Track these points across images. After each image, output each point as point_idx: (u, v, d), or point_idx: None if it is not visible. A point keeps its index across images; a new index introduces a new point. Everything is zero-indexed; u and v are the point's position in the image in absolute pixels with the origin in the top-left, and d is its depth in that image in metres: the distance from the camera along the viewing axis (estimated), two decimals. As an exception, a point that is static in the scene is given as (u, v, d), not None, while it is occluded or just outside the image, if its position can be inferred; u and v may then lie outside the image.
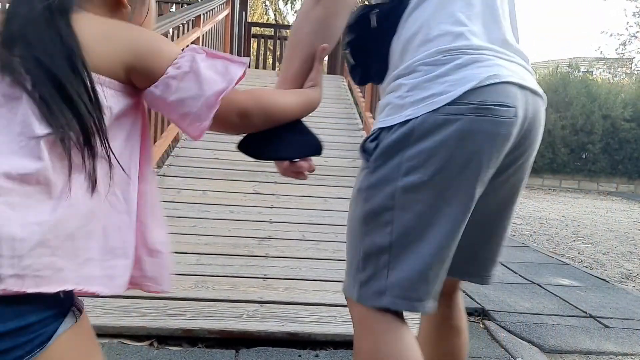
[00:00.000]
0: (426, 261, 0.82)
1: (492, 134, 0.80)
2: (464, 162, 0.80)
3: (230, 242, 2.52)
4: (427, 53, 0.83)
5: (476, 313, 2.34)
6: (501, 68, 0.82)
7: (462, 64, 0.81)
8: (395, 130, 0.83)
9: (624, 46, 19.75)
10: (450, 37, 0.83)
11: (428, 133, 0.80)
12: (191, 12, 3.93)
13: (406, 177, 0.81)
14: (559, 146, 11.50)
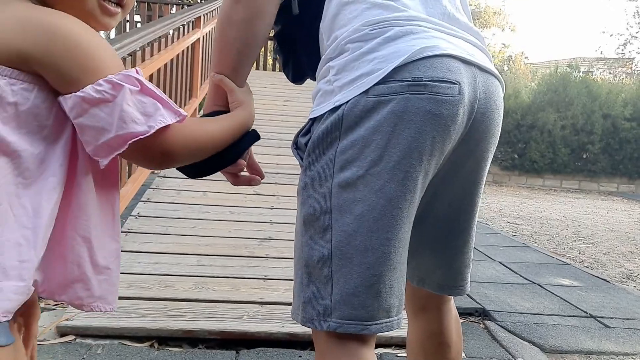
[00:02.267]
0: (374, 271, 0.70)
1: (433, 115, 0.68)
2: (403, 150, 0.68)
3: (230, 243, 2.52)
4: (353, 28, 0.72)
5: (476, 313, 2.34)
6: (440, 40, 0.71)
7: (393, 37, 0.70)
8: (325, 119, 0.72)
9: (624, 46, 19.75)
10: (378, 8, 0.72)
11: (359, 119, 0.69)
12: (191, 14, 3.93)
13: (341, 173, 0.71)
14: (560, 146, 11.49)
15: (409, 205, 0.71)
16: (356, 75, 0.70)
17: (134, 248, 2.38)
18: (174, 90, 3.56)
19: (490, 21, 26.25)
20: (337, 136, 0.71)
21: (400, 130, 0.68)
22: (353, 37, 0.72)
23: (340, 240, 0.71)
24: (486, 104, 0.76)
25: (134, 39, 2.53)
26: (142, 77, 0.62)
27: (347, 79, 0.71)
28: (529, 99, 12.43)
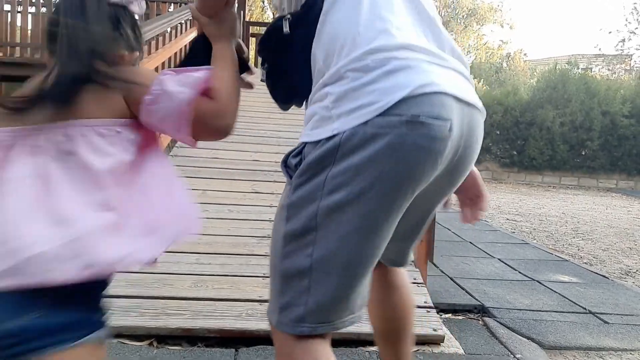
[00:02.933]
0: (349, 284, 0.77)
1: (426, 150, 0.73)
2: (395, 180, 0.74)
3: (229, 241, 2.52)
4: (354, 57, 0.75)
5: (475, 310, 2.35)
6: (435, 75, 0.75)
7: (393, 70, 0.73)
8: (322, 145, 0.75)
9: (623, 43, 19.73)
10: (374, 33, 0.76)
11: (356, 148, 0.73)
12: (189, 12, 3.93)
13: (330, 196, 0.75)
14: (558, 143, 11.50)
15: (391, 226, 0.78)
16: (356, 106, 0.73)
17: (132, 247, 2.38)
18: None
19: (488, 18, 26.23)
20: (330, 162, 0.75)
21: (395, 163, 0.73)
22: (353, 65, 0.75)
23: (322, 256, 0.76)
24: (469, 139, 0.82)
25: (132, 37, 2.53)
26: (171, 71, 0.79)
27: (346, 108, 0.74)
28: (527, 95, 12.43)
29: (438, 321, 1.97)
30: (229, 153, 3.61)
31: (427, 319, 1.96)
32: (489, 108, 9.29)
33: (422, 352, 1.80)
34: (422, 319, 1.96)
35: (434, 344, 1.86)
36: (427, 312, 2.01)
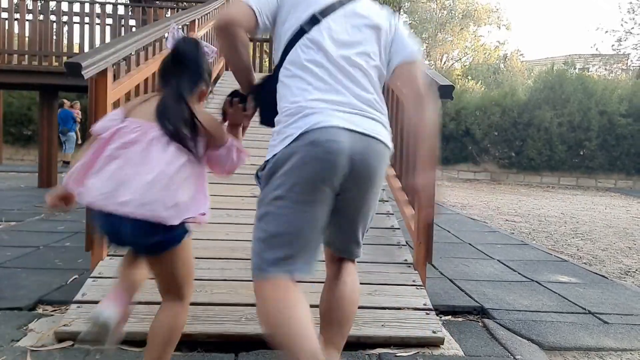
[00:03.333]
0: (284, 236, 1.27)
1: (322, 159, 1.21)
2: (308, 178, 1.23)
3: (228, 245, 2.52)
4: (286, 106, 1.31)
5: (475, 312, 2.35)
6: (332, 116, 1.24)
7: (305, 114, 1.25)
8: (270, 162, 1.29)
9: (620, 42, 19.80)
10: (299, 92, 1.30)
11: (284, 162, 1.24)
12: (186, 17, 3.93)
13: (274, 192, 1.27)
14: (557, 143, 11.51)
15: (310, 209, 1.26)
16: (284, 137, 1.26)
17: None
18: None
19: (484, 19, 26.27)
20: (274, 172, 1.28)
21: (304, 169, 1.23)
22: (284, 113, 1.30)
23: (272, 228, 1.29)
24: (363, 157, 1.27)
25: (129, 43, 2.53)
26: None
27: (280, 138, 1.28)
28: (525, 96, 12.45)
29: (437, 323, 1.97)
30: (227, 157, 3.61)
31: (427, 321, 1.96)
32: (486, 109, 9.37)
33: (422, 354, 1.80)
34: (422, 321, 1.96)
35: (434, 346, 1.86)
36: (427, 314, 2.01)
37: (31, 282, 2.46)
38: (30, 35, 6.28)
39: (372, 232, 2.76)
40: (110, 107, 2.33)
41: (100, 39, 6.27)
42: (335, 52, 1.32)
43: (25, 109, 12.86)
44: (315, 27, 1.34)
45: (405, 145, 2.83)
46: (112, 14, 6.35)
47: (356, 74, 1.33)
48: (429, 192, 1.53)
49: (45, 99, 6.99)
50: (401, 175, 2.96)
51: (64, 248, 3.27)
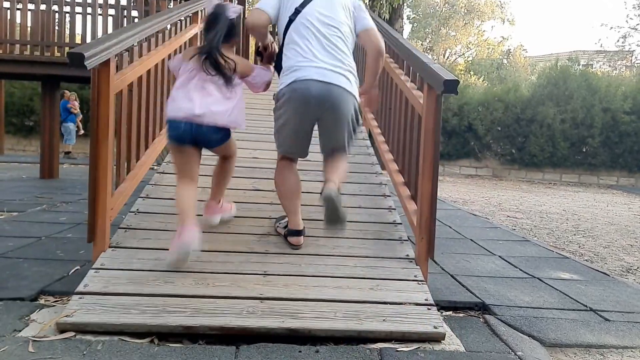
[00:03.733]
0: (285, 140, 2.40)
1: (298, 99, 2.22)
2: (293, 106, 2.24)
3: (230, 238, 2.51)
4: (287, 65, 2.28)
5: (476, 307, 2.34)
6: (309, 72, 2.19)
7: (294, 70, 2.23)
8: (279, 92, 2.30)
9: (624, 39, 19.68)
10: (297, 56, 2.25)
11: (282, 96, 2.27)
12: (189, 9, 3.90)
13: (278, 110, 2.33)
14: (559, 140, 11.48)
15: (302, 126, 2.34)
16: (283, 82, 2.28)
17: (133, 244, 2.38)
18: (171, 85, 3.54)
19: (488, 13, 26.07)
20: (280, 98, 2.30)
21: (292, 100, 2.25)
22: (285, 69, 2.31)
23: (277, 128, 2.40)
24: (327, 97, 2.20)
25: (131, 34, 2.52)
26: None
27: (282, 82, 2.30)
28: (528, 92, 12.40)
29: (439, 318, 1.97)
30: (230, 150, 3.60)
31: (428, 317, 1.96)
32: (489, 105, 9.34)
33: (423, 349, 1.80)
34: (423, 316, 1.96)
35: (435, 341, 1.86)
36: (428, 309, 2.01)
37: (33, 273, 2.46)
38: (32, 25, 6.26)
39: (374, 227, 2.77)
40: (113, 98, 2.32)
41: (102, 30, 6.24)
42: (314, 27, 2.27)
43: (27, 100, 12.86)
44: (298, 15, 2.29)
45: (408, 142, 2.81)
46: (115, 4, 6.31)
47: (333, 41, 2.28)
48: (374, 98, 2.57)
49: (48, 89, 6.98)
50: (403, 171, 2.95)
51: (66, 239, 3.27)
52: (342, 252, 2.46)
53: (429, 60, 2.46)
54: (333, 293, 2.07)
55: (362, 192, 3.17)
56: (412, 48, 2.87)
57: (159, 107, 3.25)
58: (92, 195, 2.24)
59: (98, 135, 2.24)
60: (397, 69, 3.24)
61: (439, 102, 2.32)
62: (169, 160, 3.36)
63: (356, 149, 3.85)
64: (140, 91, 2.87)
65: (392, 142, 3.34)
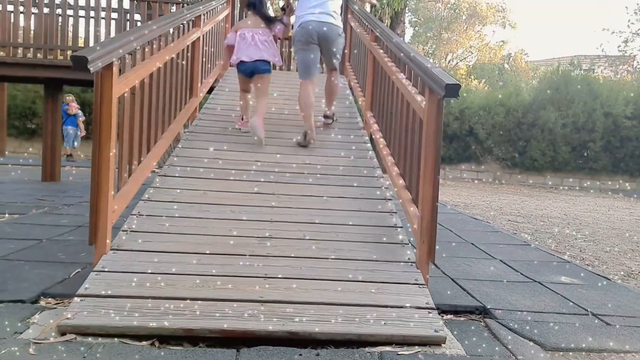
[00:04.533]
0: (302, 64, 3.98)
1: (304, 33, 3.85)
2: (303, 39, 3.88)
3: (231, 241, 2.52)
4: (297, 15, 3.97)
5: (477, 311, 2.34)
6: (310, 16, 3.84)
7: (301, 16, 3.89)
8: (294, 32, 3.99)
9: (626, 44, 19.68)
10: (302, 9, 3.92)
11: (295, 35, 3.93)
12: (191, 13, 3.93)
13: (295, 45, 3.98)
14: (560, 144, 11.47)
15: (309, 53, 3.91)
16: (296, 23, 3.98)
17: (134, 247, 2.38)
18: (174, 89, 3.56)
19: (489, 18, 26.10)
20: (294, 36, 3.97)
21: (301, 35, 3.88)
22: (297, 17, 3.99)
23: (298, 61, 4.07)
24: (320, 30, 3.83)
25: (134, 37, 2.53)
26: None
27: (295, 23, 4.01)
28: (530, 97, 12.41)
29: (439, 322, 1.97)
30: (231, 154, 3.61)
31: (429, 320, 1.96)
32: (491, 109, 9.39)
33: (424, 353, 1.80)
34: (424, 320, 1.96)
35: (436, 345, 1.86)
36: (429, 313, 2.01)
37: (34, 275, 2.46)
38: (35, 28, 6.29)
39: (375, 231, 2.77)
40: (116, 101, 2.33)
41: (105, 33, 6.27)
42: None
43: (30, 102, 12.89)
44: None
45: (409, 145, 2.82)
46: (118, 8, 6.35)
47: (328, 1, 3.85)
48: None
49: (50, 92, 7.00)
50: (405, 174, 2.96)
51: (67, 241, 3.27)
52: (343, 255, 2.47)
53: (430, 65, 2.47)
54: (334, 296, 2.07)
55: (363, 195, 3.17)
56: (413, 52, 2.88)
57: (161, 110, 3.27)
58: (94, 197, 2.25)
59: (100, 138, 2.25)
60: (399, 72, 3.25)
61: (441, 106, 2.33)
62: (171, 162, 3.37)
63: (357, 152, 3.85)
64: (143, 94, 2.88)
65: (394, 146, 3.35)
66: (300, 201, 3.03)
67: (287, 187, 3.19)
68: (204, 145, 3.70)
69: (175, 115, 3.68)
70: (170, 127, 3.51)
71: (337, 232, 2.70)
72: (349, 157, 3.73)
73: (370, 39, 4.35)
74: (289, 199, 3.05)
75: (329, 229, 2.72)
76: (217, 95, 4.89)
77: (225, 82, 5.31)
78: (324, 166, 3.52)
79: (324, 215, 2.88)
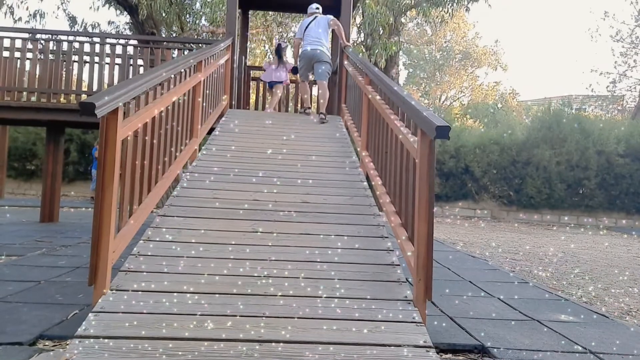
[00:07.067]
0: (302, 76, 6.31)
1: (307, 57, 6.06)
2: (305, 61, 6.11)
3: (229, 280, 2.53)
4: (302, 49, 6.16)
5: (476, 350, 2.34)
6: (307, 46, 6.04)
7: (304, 47, 6.09)
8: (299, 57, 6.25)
9: (614, 84, 20.24)
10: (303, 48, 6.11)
11: (300, 59, 6.20)
12: (193, 58, 4.09)
13: (299, 63, 6.26)
14: (555, 182, 11.59)
15: (309, 69, 6.17)
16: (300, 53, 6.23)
17: (133, 287, 2.40)
18: (175, 131, 3.66)
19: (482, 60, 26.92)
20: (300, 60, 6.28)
21: (303, 59, 6.14)
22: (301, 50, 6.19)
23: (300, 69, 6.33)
24: (315, 56, 6.02)
25: (139, 84, 2.65)
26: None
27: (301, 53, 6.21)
28: (523, 135, 12.64)
29: (438, 361, 1.97)
30: (229, 193, 3.67)
31: (427, 359, 1.96)
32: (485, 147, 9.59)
33: (422, 392, 1.79)
34: (422, 358, 1.96)
35: (434, 384, 1.86)
36: (427, 351, 2.01)
37: (32, 317, 2.46)
38: (40, 73, 6.49)
39: (372, 269, 2.79)
40: (119, 144, 2.41)
41: (108, 78, 6.47)
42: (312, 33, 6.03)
43: (31, 144, 13.04)
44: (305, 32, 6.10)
45: (404, 184, 2.89)
46: (122, 54, 6.58)
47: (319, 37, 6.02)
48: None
49: (52, 134, 7.14)
50: (400, 212, 3.01)
51: (65, 283, 3.27)
52: (340, 294, 2.48)
53: (421, 107, 2.58)
54: (332, 335, 2.07)
55: (360, 233, 3.21)
56: (406, 95, 3.00)
57: (162, 152, 3.35)
58: (96, 237, 2.29)
59: (104, 179, 2.31)
60: (392, 114, 3.37)
61: (432, 147, 2.42)
62: (171, 203, 3.42)
63: (354, 190, 3.92)
64: (145, 137, 2.97)
65: (389, 185, 3.42)
66: (298, 240, 3.06)
67: (285, 226, 3.23)
68: (203, 185, 3.76)
69: (176, 156, 3.77)
70: (171, 168, 3.58)
71: (334, 270, 2.72)
72: (346, 196, 3.79)
73: (365, 82, 4.51)
74: (287, 237, 3.08)
75: (327, 267, 2.75)
76: (217, 136, 5.01)
77: (224, 123, 5.44)
78: (321, 204, 3.57)
79: (322, 253, 2.91)
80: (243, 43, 7.87)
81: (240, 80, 7.35)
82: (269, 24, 13.85)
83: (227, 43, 5.88)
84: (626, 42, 19.24)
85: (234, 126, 5.36)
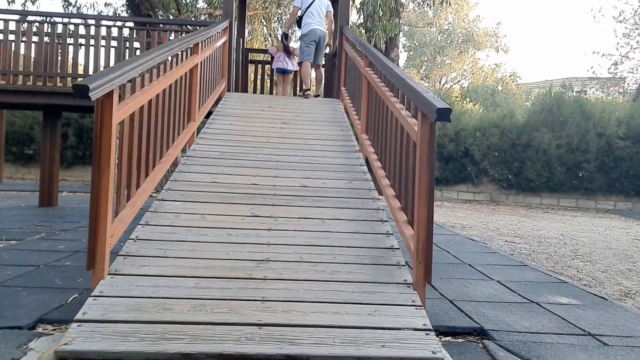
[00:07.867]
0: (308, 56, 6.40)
1: (313, 35, 6.37)
2: (310, 40, 6.38)
3: (228, 265, 2.53)
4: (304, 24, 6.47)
5: (475, 332, 2.34)
6: (313, 25, 6.37)
7: (309, 24, 6.38)
8: (302, 35, 6.52)
9: (616, 66, 20.07)
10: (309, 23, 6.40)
11: (304, 36, 6.46)
12: (190, 40, 4.02)
13: (304, 42, 6.45)
14: (555, 165, 11.56)
15: (312, 47, 6.41)
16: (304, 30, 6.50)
17: (132, 271, 2.39)
18: (172, 114, 3.62)
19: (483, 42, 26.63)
20: (303, 37, 6.53)
21: (308, 37, 6.40)
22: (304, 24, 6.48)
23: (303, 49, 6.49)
24: (321, 38, 6.45)
25: (134, 66, 2.60)
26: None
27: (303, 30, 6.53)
28: (523, 118, 12.57)
29: (437, 344, 1.97)
30: (228, 177, 3.65)
31: (426, 342, 1.96)
32: (485, 130, 9.55)
33: (422, 375, 1.80)
34: (421, 341, 1.96)
35: (433, 367, 1.86)
36: (426, 334, 2.01)
37: (31, 301, 2.46)
38: (35, 57, 6.40)
39: (372, 252, 2.79)
40: (115, 128, 2.37)
41: (104, 61, 6.38)
42: (316, 12, 6.37)
43: (28, 129, 12.96)
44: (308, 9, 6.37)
45: (404, 168, 2.87)
46: (117, 36, 6.47)
47: (322, 19, 6.38)
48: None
49: (49, 118, 7.07)
50: (400, 196, 2.99)
51: (64, 267, 3.27)
52: (340, 277, 2.48)
53: (422, 89, 2.54)
54: (331, 319, 2.07)
55: (359, 217, 3.20)
56: (406, 77, 2.95)
57: (159, 135, 3.31)
58: (93, 222, 2.27)
59: (100, 163, 2.29)
60: (393, 97, 3.32)
61: (433, 130, 2.38)
62: (169, 187, 3.40)
63: (354, 174, 3.90)
64: (142, 120, 2.93)
65: (389, 168, 3.39)
66: (297, 223, 3.05)
67: (284, 210, 3.21)
68: (201, 169, 3.73)
69: (174, 140, 3.73)
70: (169, 152, 3.55)
71: (333, 254, 2.71)
72: (345, 180, 3.77)
73: (365, 64, 4.45)
74: (286, 221, 3.07)
75: (326, 251, 2.74)
76: (215, 120, 4.96)
77: (222, 107, 5.38)
78: (320, 188, 3.55)
79: (321, 237, 2.90)
80: (241, 25, 7.75)
81: (238, 63, 7.25)
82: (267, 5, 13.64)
83: (225, 25, 5.79)
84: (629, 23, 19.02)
85: (232, 109, 5.31)
